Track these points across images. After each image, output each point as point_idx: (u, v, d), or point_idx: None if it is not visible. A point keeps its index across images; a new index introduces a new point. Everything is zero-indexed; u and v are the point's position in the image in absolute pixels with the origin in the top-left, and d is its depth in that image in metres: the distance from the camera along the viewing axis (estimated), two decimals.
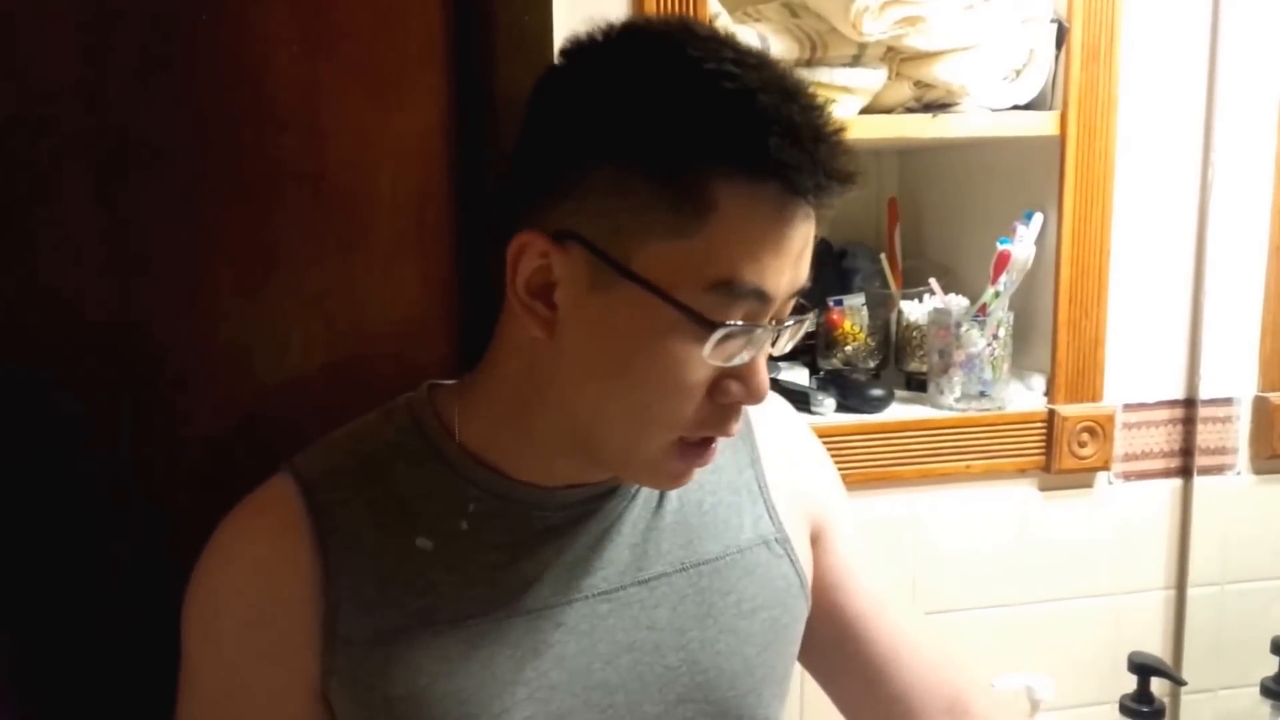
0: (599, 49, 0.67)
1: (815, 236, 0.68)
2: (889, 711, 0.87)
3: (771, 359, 0.72)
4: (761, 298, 0.65)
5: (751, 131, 0.61)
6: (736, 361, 0.66)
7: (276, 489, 0.74)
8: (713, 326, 0.63)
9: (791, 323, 0.69)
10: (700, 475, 0.80)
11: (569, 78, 0.68)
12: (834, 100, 1.15)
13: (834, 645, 0.87)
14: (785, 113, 0.62)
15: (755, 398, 0.68)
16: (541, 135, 0.69)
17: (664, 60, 0.64)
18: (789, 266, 0.65)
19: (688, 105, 0.62)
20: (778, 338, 0.69)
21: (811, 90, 0.65)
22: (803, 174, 0.62)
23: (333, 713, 0.72)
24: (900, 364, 1.35)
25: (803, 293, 0.69)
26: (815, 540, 0.87)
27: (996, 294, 1.22)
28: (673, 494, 0.80)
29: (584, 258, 0.65)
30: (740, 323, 0.64)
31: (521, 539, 0.74)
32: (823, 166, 0.63)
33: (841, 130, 0.65)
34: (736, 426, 0.70)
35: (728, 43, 0.65)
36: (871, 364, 1.32)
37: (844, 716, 0.91)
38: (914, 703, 0.87)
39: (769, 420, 0.88)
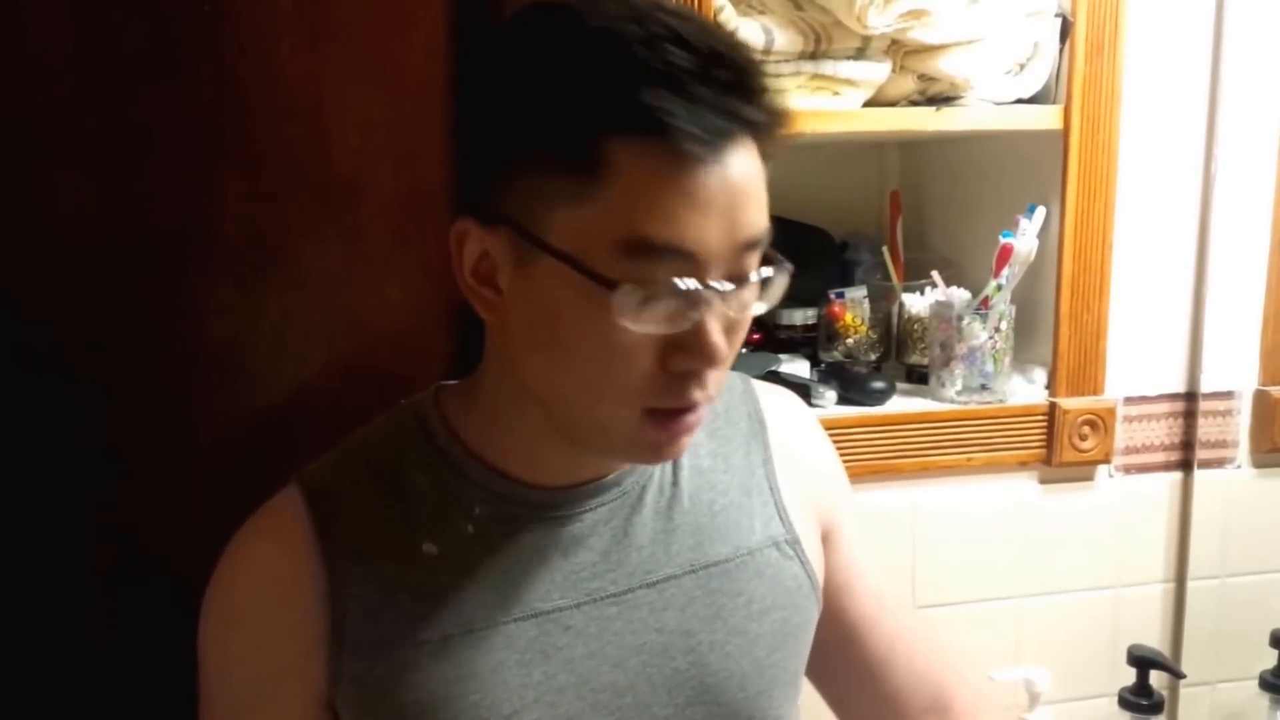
0: (503, 34, 0.67)
1: (756, 176, 0.63)
2: (878, 710, 0.88)
3: (774, 351, 0.70)
4: (687, 256, 0.61)
5: (625, 85, 0.59)
6: (680, 327, 0.63)
7: (283, 502, 0.74)
8: (614, 286, 0.60)
9: (754, 278, 0.65)
10: (713, 475, 0.80)
11: (482, 67, 0.68)
12: (820, 84, 1.15)
13: (833, 646, 0.87)
14: (662, 60, 0.59)
15: (705, 362, 0.64)
16: (466, 127, 0.69)
17: (553, 31, 0.63)
18: (714, 217, 0.61)
19: (571, 71, 0.61)
20: (734, 296, 0.64)
21: (711, 31, 0.62)
22: (683, 119, 0.59)
23: None
24: (901, 357, 1.35)
25: (763, 243, 0.65)
26: (825, 540, 0.87)
27: (999, 287, 1.22)
28: (684, 495, 0.79)
29: (510, 237, 0.65)
30: (633, 285, 0.60)
31: (528, 542, 0.73)
32: (710, 108, 0.59)
33: (748, 67, 0.62)
34: (700, 395, 0.66)
35: (631, 1, 0.63)
36: (873, 356, 1.32)
37: (833, 711, 0.91)
38: (902, 701, 0.88)
39: (782, 418, 0.86)
